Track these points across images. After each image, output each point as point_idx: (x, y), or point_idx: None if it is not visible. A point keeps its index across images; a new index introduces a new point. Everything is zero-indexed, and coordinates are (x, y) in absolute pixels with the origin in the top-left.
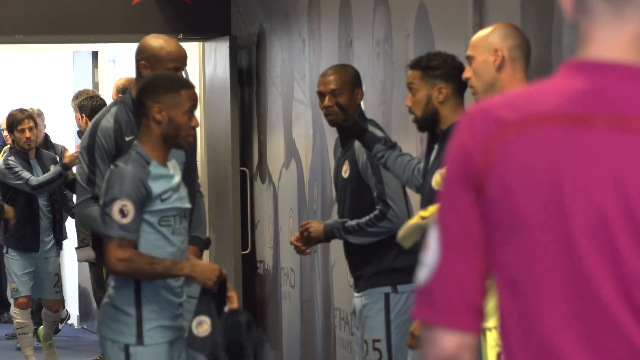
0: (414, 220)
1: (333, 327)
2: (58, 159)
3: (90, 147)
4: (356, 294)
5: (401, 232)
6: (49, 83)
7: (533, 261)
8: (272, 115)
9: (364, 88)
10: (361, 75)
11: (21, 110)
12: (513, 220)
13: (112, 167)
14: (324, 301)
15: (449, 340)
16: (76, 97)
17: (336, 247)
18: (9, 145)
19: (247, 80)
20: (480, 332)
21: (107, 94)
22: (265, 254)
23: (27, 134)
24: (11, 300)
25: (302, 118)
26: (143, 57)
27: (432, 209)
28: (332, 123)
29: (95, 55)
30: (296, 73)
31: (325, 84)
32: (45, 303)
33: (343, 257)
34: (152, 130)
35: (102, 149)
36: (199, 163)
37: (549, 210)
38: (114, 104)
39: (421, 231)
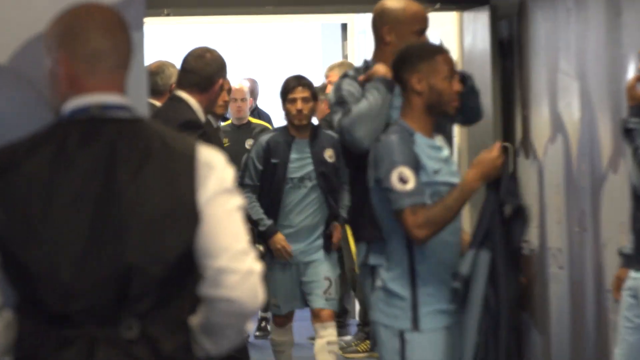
0: None
1: (606, 310)
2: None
3: (339, 97)
4: None
5: None
6: (297, 56)
7: None
8: (536, 87)
9: (634, 61)
10: (632, 48)
11: (296, 77)
12: None
13: (375, 142)
14: (596, 283)
15: None
16: (331, 68)
17: (608, 224)
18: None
19: (509, 52)
20: None
21: None
22: (530, 233)
23: (299, 104)
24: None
25: (568, 90)
26: (385, 22)
27: None
28: None
29: (344, 27)
30: (561, 43)
31: None
32: (312, 312)
33: (616, 235)
34: (414, 102)
35: (349, 93)
36: (456, 138)
37: None
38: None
39: None
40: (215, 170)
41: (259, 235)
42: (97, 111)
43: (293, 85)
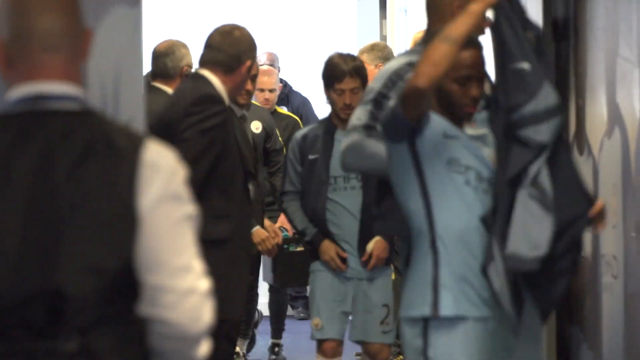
0: None
1: None
2: None
3: (378, 94)
4: None
5: None
6: (329, 34)
7: None
8: (593, 75)
9: None
10: None
11: (344, 60)
12: None
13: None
14: None
15: None
16: (360, 53)
17: None
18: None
19: (563, 34)
20: None
21: (398, 49)
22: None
23: (347, 98)
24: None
25: (628, 79)
26: None
27: None
28: None
29: (383, 3)
30: (622, 25)
31: None
32: (365, 348)
33: None
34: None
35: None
36: None
37: None
38: (408, 53)
39: None
40: (162, 173)
41: (310, 248)
42: (36, 103)
43: (341, 75)
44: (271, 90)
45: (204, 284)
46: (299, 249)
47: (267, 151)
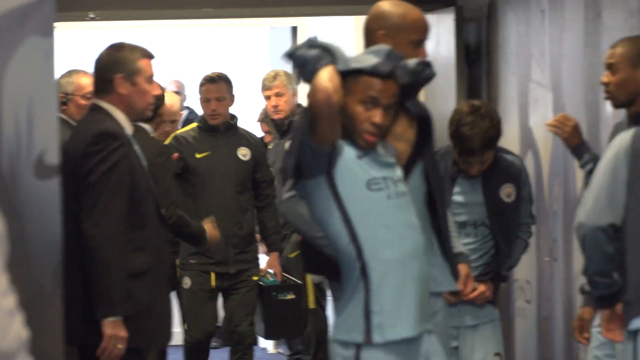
0: None
1: (576, 348)
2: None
3: None
4: None
5: None
6: (242, 62)
7: None
8: (506, 99)
9: None
10: None
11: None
12: None
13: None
14: (566, 318)
15: None
16: (274, 78)
17: (580, 255)
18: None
19: (476, 59)
20: None
21: None
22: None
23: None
24: None
25: (540, 102)
26: (382, 27)
27: None
28: (614, 105)
29: (294, 31)
30: (534, 49)
31: (607, 56)
32: None
33: None
34: None
35: None
36: None
37: None
38: None
39: None
40: None
41: None
42: None
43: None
44: (172, 122)
45: (7, 300)
46: (289, 297)
47: (256, 182)
